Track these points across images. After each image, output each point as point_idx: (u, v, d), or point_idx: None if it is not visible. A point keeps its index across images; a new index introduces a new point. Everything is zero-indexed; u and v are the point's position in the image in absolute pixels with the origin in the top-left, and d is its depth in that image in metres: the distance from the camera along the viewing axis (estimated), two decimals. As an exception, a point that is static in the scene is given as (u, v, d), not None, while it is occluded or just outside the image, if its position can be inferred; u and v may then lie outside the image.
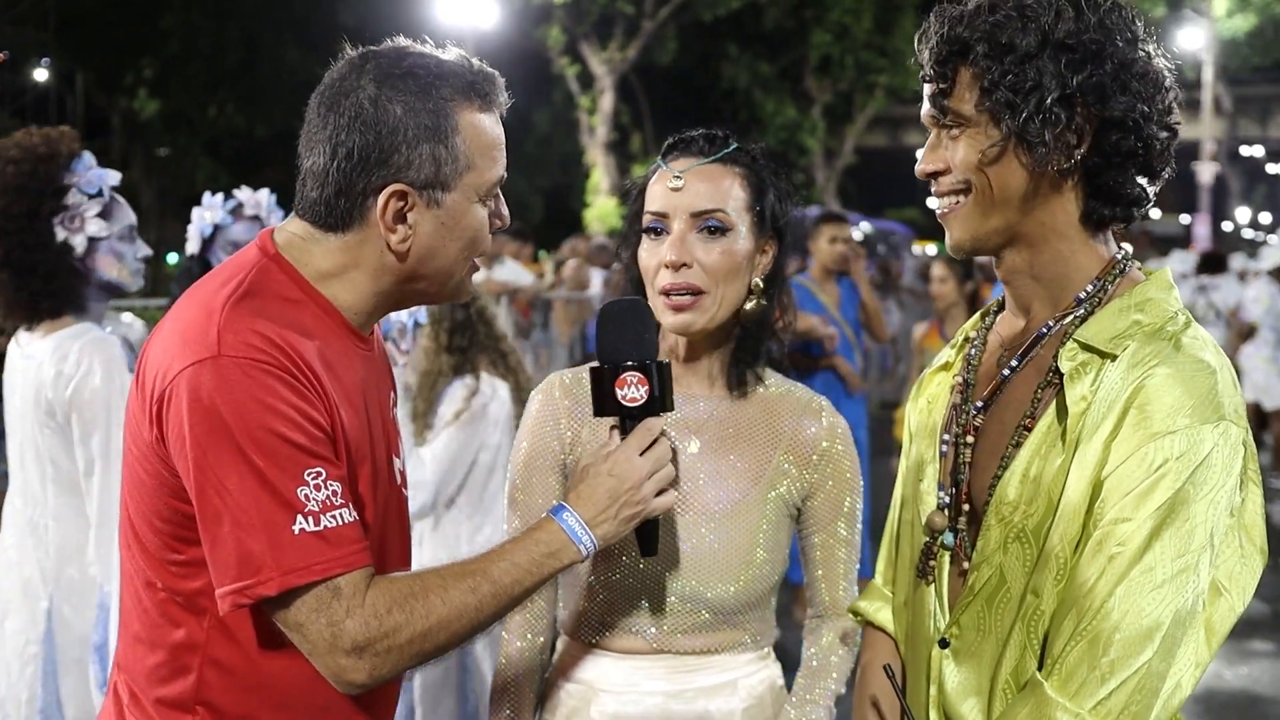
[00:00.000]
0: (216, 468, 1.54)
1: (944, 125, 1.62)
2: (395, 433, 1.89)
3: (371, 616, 1.57)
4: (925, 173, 1.66)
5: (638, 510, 1.77)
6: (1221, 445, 1.44)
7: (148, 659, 1.70)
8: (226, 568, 1.56)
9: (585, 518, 1.73)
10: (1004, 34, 1.53)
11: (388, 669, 1.60)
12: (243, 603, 1.56)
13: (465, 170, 1.69)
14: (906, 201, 41.73)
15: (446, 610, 1.62)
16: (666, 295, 1.94)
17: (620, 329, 1.82)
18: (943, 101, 1.60)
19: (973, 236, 1.64)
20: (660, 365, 1.81)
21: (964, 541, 1.67)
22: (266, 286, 1.66)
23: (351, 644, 1.56)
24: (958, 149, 1.60)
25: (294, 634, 1.59)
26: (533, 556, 1.70)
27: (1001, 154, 1.57)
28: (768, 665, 2.09)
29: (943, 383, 1.83)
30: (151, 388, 1.61)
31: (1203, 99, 31.02)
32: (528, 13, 24.62)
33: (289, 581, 1.54)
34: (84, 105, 32.34)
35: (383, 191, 1.65)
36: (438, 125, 1.65)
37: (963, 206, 1.63)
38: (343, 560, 1.57)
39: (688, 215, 1.94)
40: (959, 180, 1.62)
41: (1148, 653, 1.42)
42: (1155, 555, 1.43)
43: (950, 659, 1.65)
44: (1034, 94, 1.52)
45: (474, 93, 1.70)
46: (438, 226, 1.69)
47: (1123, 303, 1.59)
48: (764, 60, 30.05)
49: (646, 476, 1.76)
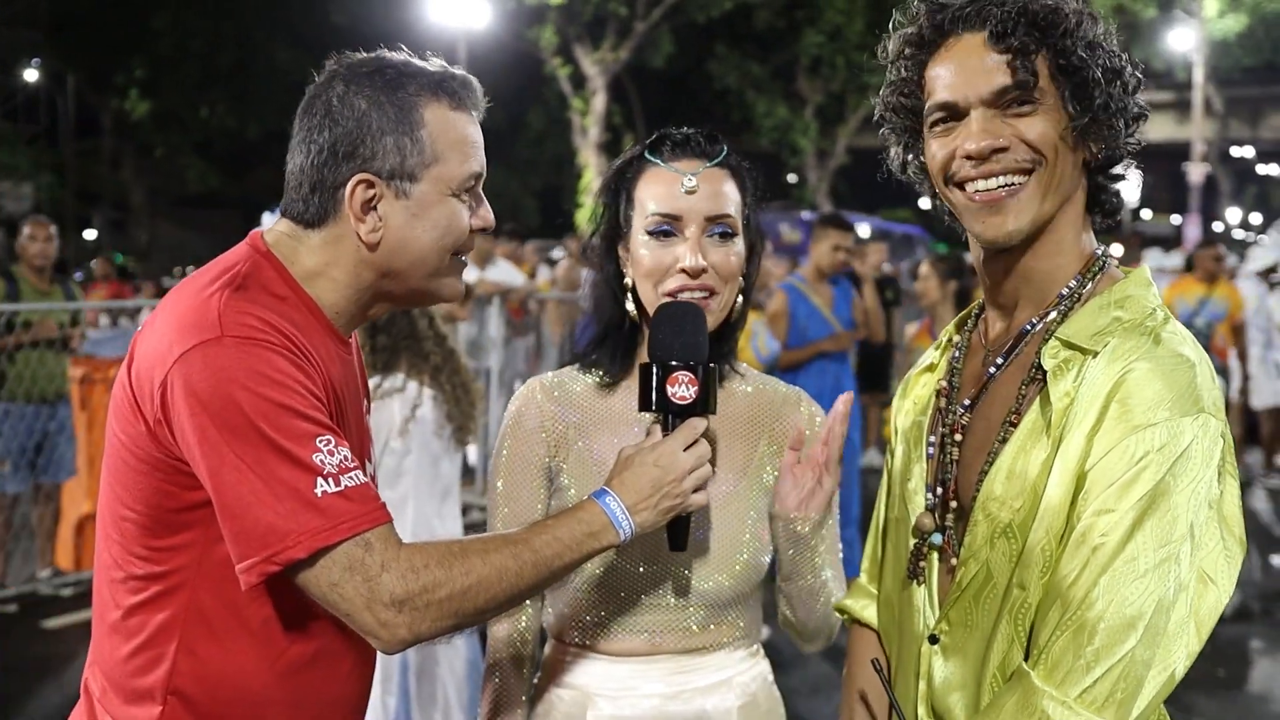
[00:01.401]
0: (231, 444, 1.55)
1: (1011, 100, 1.56)
2: (367, 439, 1.92)
3: (409, 570, 1.58)
4: (988, 150, 1.57)
5: (676, 503, 1.79)
6: (1201, 437, 1.46)
7: (121, 648, 1.71)
8: (251, 539, 1.56)
9: (627, 503, 1.75)
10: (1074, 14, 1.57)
11: (427, 626, 1.60)
12: (271, 570, 1.56)
13: (432, 162, 1.72)
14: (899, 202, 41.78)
15: (487, 570, 1.63)
16: (673, 296, 1.94)
17: (677, 329, 1.85)
18: (1020, 74, 1.55)
19: (1032, 220, 1.59)
20: (709, 368, 1.84)
21: (952, 539, 1.68)
22: (258, 280, 1.70)
23: (390, 597, 1.57)
24: (1034, 124, 1.56)
25: (330, 596, 1.58)
26: (575, 534, 1.72)
27: (1078, 133, 1.57)
28: (759, 661, 2.10)
29: (928, 384, 1.84)
30: (149, 375, 1.62)
31: (1194, 100, 31.10)
32: (520, 13, 24.61)
33: (319, 541, 1.55)
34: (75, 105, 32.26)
35: (349, 182, 1.70)
36: (402, 117, 1.70)
37: (1024, 188, 1.58)
38: (369, 516, 1.59)
39: (702, 219, 1.94)
40: (1026, 158, 1.57)
41: (1131, 641, 1.44)
42: (1138, 545, 1.44)
43: (939, 654, 1.66)
44: (1115, 81, 1.57)
45: (442, 90, 1.74)
46: (408, 217, 1.73)
47: (1103, 300, 1.60)
48: (756, 61, 30.08)
49: (689, 471, 1.79)
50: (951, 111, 1.61)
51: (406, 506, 4.14)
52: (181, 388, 1.57)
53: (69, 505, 7.49)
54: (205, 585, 1.67)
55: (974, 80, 1.58)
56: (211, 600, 1.67)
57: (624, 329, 2.04)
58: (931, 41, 1.63)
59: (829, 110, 30.71)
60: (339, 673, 1.79)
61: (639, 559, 1.97)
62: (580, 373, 2.09)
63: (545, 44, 25.66)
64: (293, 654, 1.72)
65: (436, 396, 4.14)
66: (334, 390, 1.71)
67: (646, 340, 1.99)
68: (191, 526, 1.65)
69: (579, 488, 2.01)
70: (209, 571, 1.66)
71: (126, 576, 1.70)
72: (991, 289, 1.71)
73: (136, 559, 1.69)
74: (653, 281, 1.96)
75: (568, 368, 2.12)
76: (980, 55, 1.58)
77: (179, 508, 1.65)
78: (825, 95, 30.23)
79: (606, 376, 2.06)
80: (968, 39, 1.60)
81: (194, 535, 1.66)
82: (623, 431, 2.03)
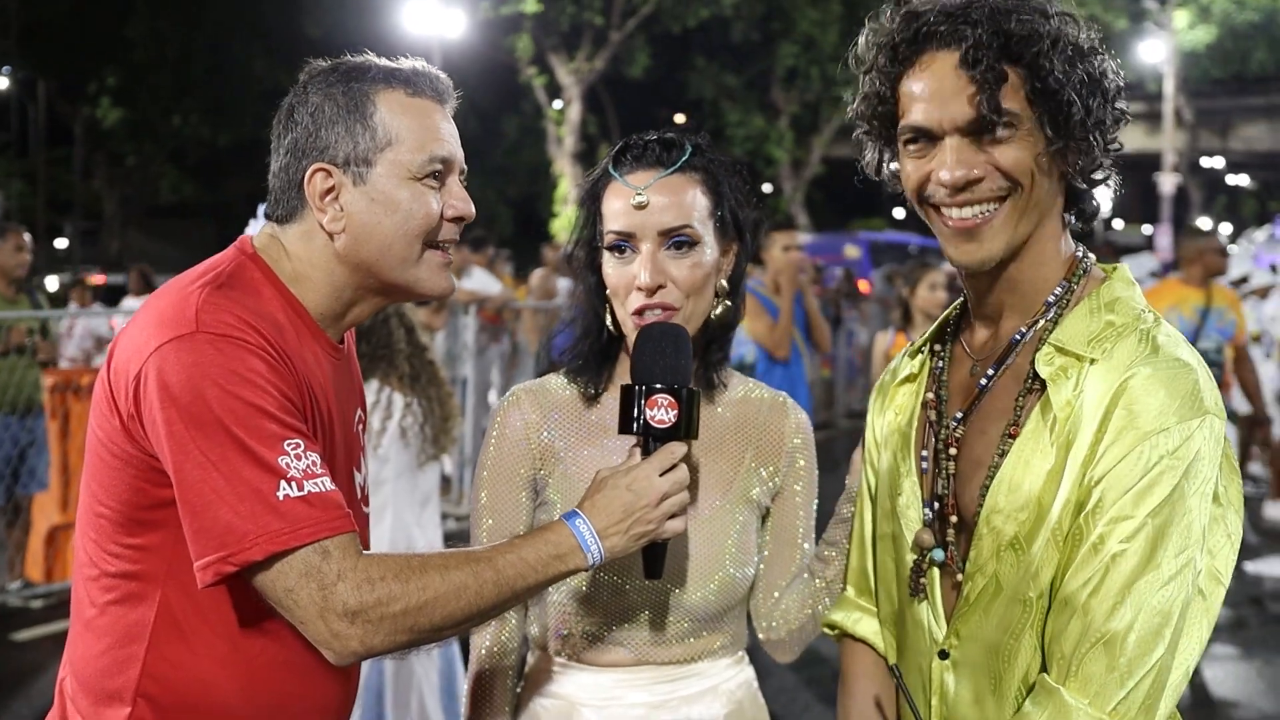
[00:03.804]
0: (197, 440, 1.54)
1: (982, 131, 1.52)
2: (358, 446, 1.89)
3: (364, 581, 1.56)
4: (962, 181, 1.54)
5: (649, 529, 1.75)
6: (1208, 439, 1.48)
7: (94, 646, 1.70)
8: (209, 538, 1.54)
9: (597, 527, 1.72)
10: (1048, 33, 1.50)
11: (380, 639, 1.57)
12: (226, 570, 1.54)
13: (385, 145, 1.72)
14: (873, 212, 41.96)
15: (445, 587, 1.60)
16: (640, 315, 1.91)
17: (657, 352, 1.82)
18: (995, 101, 1.50)
19: (1007, 245, 1.57)
20: (692, 392, 1.81)
21: (954, 554, 1.66)
22: (243, 281, 1.70)
23: (343, 608, 1.55)
24: (1008, 151, 1.53)
25: (285, 601, 1.56)
26: (540, 555, 1.69)
27: (1054, 156, 1.54)
28: (744, 668, 2.09)
29: (909, 394, 1.80)
30: (125, 369, 1.62)
31: (1164, 111, 31.38)
32: (496, 23, 24.61)
33: (276, 544, 1.53)
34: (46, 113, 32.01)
35: (308, 171, 1.71)
36: (353, 105, 1.72)
37: (999, 215, 1.56)
38: (329, 524, 1.57)
39: (655, 234, 1.89)
40: (1002, 185, 1.54)
41: (1160, 649, 1.45)
42: (1161, 553, 1.45)
43: (950, 670, 1.64)
44: (1095, 94, 1.52)
45: (395, 78, 1.75)
46: (368, 204, 1.72)
47: (1091, 303, 1.60)
48: (731, 71, 30.17)
49: (663, 497, 1.75)
50: (926, 135, 1.57)
51: (385, 515, 4.14)
52: (154, 381, 1.57)
53: (39, 517, 7.41)
54: (176, 586, 1.66)
55: (948, 106, 1.53)
56: (182, 602, 1.66)
57: (603, 339, 2.01)
58: (905, 57, 1.58)
59: (804, 120, 30.84)
60: (313, 680, 1.76)
61: (624, 574, 1.95)
62: (564, 381, 2.06)
63: (521, 53, 25.68)
64: (264, 660, 1.70)
65: (413, 406, 4.15)
66: (314, 394, 1.70)
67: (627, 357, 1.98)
68: (163, 525, 1.64)
69: (566, 502, 1.97)
70: (180, 572, 1.64)
71: (100, 574, 1.69)
72: (976, 299, 1.70)
73: (110, 556, 1.68)
74: (619, 299, 1.94)
75: (551, 375, 2.09)
76: (954, 79, 1.53)
77: (151, 504, 1.64)
78: (800, 106, 30.35)
79: (590, 387, 2.03)
80: (942, 58, 1.54)
81: (165, 534, 1.64)
82: (609, 445, 2.00)
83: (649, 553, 1.81)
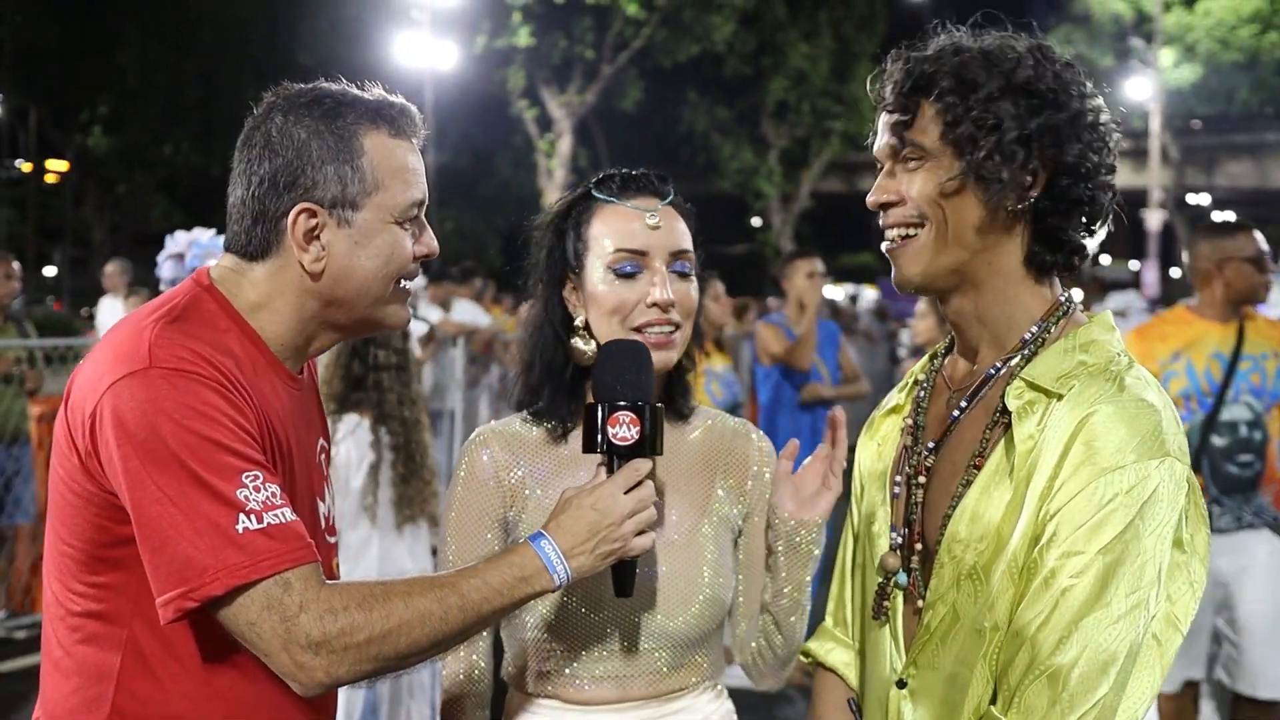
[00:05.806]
0: (154, 476, 1.53)
1: (902, 158, 1.64)
2: (320, 476, 1.88)
3: (327, 612, 1.55)
4: (878, 203, 1.67)
5: (616, 548, 1.74)
6: (1167, 481, 1.48)
7: (63, 686, 1.69)
8: (169, 574, 1.54)
9: (563, 548, 1.71)
10: (969, 72, 1.59)
11: (345, 669, 1.56)
12: (187, 606, 1.53)
13: (374, 190, 1.72)
14: (861, 246, 42.16)
15: (409, 614, 1.59)
16: (640, 331, 1.93)
17: (618, 369, 1.83)
18: (904, 132, 1.62)
19: (923, 272, 1.65)
20: (654, 408, 1.82)
21: (918, 581, 1.68)
22: (198, 314, 1.69)
23: (307, 639, 1.54)
24: (915, 180, 1.62)
25: (248, 635, 1.55)
26: (505, 578, 1.67)
27: (960, 188, 1.60)
28: (724, 700, 2.08)
29: (893, 425, 1.85)
30: (81, 406, 1.61)
31: (1150, 148, 31.63)
32: (488, 56, 24.74)
33: (236, 578, 1.52)
34: (36, 140, 32.03)
35: (291, 211, 1.70)
36: (342, 146, 1.71)
37: (914, 241, 1.64)
38: (290, 555, 1.56)
39: (667, 254, 1.95)
40: (913, 213, 1.63)
41: (1104, 688, 1.45)
42: (1111, 591, 1.45)
43: (908, 699, 1.66)
44: (995, 131, 1.57)
45: (380, 118, 1.75)
46: (350, 246, 1.72)
47: (1067, 343, 1.62)
48: (722, 105, 30.36)
49: (628, 515, 1.74)
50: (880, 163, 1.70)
51: (370, 547, 4.12)
52: (109, 417, 1.56)
53: (24, 547, 7.35)
54: (143, 624, 1.64)
55: (879, 137, 1.69)
56: (149, 639, 1.64)
57: (567, 373, 2.01)
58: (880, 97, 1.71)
59: (793, 155, 31.03)
60: (285, 714, 1.74)
61: (598, 603, 1.93)
62: (529, 420, 2.05)
63: (512, 86, 25.80)
64: (234, 694, 1.69)
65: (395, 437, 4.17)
66: (273, 425, 1.69)
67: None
68: (126, 563, 1.63)
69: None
70: (146, 610, 1.62)
71: (66, 613, 1.68)
72: (955, 332, 1.74)
73: (75, 595, 1.67)
74: (618, 319, 1.94)
75: (515, 416, 2.08)
76: (886, 115, 1.67)
77: (113, 542, 1.63)
78: (790, 140, 30.54)
79: (556, 423, 2.02)
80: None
81: (129, 572, 1.63)
82: (581, 478, 1.98)
83: (618, 571, 1.81)
